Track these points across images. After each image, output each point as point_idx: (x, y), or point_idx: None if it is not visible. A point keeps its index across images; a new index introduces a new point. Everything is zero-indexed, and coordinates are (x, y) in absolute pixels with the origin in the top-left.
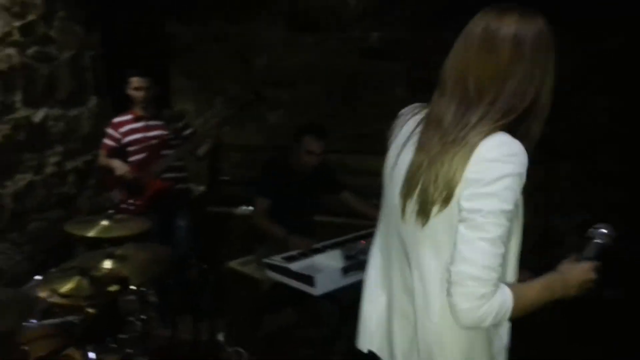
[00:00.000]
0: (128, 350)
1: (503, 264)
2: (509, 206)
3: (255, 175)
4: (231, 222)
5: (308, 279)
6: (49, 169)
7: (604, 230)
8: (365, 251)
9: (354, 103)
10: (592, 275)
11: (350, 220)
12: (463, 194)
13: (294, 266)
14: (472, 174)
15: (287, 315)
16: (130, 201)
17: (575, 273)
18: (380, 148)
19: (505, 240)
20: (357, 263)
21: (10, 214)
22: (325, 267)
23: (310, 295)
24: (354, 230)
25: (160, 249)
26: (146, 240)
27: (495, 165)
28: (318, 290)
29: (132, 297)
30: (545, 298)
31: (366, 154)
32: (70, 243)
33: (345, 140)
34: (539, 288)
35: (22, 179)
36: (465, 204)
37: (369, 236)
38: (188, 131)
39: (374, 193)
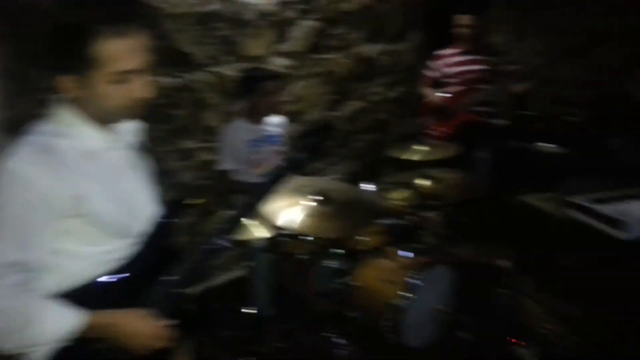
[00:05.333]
0: (435, 256)
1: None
2: None
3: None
4: (531, 158)
5: (617, 223)
6: (374, 97)
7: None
8: None
9: None
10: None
11: None
12: None
13: (605, 209)
14: None
15: (572, 257)
16: (440, 129)
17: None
18: None
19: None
20: None
21: (342, 133)
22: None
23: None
24: None
25: (467, 175)
26: (451, 166)
27: None
28: (627, 234)
29: (434, 213)
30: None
31: None
32: (383, 162)
33: None
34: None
35: (354, 105)
36: None
37: None
38: (506, 69)
39: None
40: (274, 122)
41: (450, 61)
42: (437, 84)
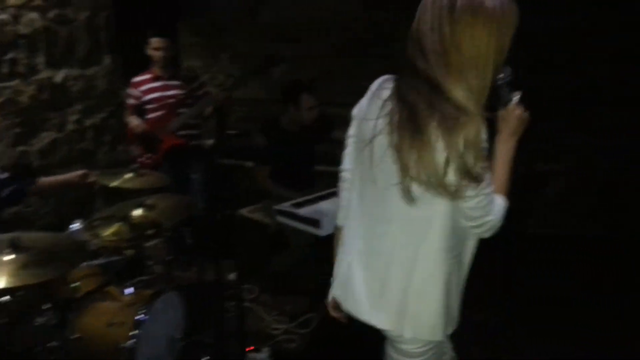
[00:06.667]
0: (161, 285)
1: None
2: None
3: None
4: (240, 173)
5: (315, 222)
6: (70, 126)
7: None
8: None
9: (361, 57)
10: (521, 111)
11: None
12: None
13: (302, 211)
14: None
15: (288, 256)
16: (148, 155)
17: (510, 122)
18: None
19: None
20: None
21: (37, 169)
22: (330, 211)
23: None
24: None
25: (182, 198)
26: (164, 191)
27: None
28: (323, 231)
29: (155, 241)
30: (508, 165)
31: None
32: (90, 195)
33: (353, 94)
34: (501, 165)
35: (47, 137)
36: None
37: None
38: (201, 91)
39: None
40: None
41: (147, 87)
42: (139, 110)
